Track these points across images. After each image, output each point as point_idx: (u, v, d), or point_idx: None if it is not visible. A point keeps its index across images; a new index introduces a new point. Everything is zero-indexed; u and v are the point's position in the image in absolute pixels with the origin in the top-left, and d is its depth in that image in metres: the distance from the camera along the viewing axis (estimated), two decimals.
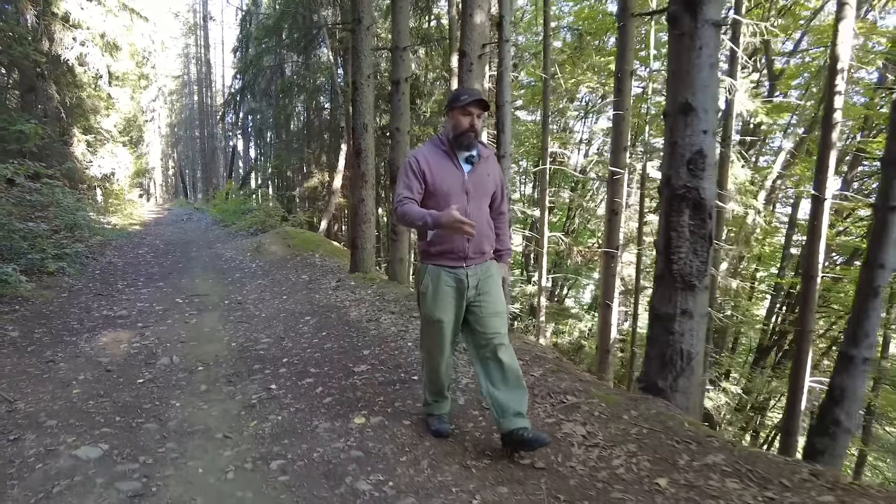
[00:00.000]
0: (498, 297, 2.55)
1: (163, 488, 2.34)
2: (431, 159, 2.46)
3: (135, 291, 6.85)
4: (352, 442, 2.71)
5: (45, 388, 3.52)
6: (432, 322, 2.51)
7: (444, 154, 2.48)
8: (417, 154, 2.51)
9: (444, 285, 2.48)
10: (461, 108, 2.40)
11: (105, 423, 3.02)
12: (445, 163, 2.46)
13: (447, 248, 2.46)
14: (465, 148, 2.45)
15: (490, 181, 2.54)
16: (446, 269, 2.48)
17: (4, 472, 2.45)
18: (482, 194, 2.52)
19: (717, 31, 2.74)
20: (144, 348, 4.50)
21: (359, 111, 6.85)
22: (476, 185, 2.48)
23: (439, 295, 2.48)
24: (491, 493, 2.21)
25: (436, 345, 2.56)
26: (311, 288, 6.67)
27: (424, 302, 2.53)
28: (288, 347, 4.45)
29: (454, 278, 2.48)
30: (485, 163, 2.53)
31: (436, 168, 2.44)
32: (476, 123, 2.43)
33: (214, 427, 2.98)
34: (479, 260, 2.53)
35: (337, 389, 3.44)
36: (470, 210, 2.43)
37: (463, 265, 2.48)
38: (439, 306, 2.48)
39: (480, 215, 2.48)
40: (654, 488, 2.16)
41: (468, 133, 2.42)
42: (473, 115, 2.41)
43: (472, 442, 2.68)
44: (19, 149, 8.40)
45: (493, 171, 2.57)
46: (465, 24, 5.38)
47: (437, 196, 2.43)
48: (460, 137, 2.42)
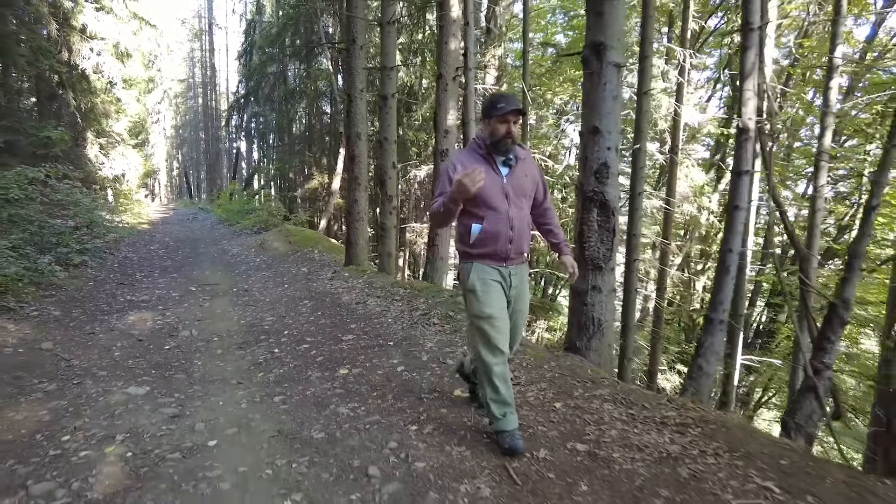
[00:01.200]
0: (527, 298, 2.67)
1: (194, 412, 3.17)
2: (469, 165, 2.43)
3: (152, 281, 7.69)
4: (336, 385, 3.54)
5: (92, 352, 4.36)
6: (484, 318, 2.46)
7: (482, 159, 2.50)
8: (456, 161, 2.54)
9: (492, 280, 2.50)
10: (499, 117, 2.41)
11: (144, 374, 3.86)
12: (484, 167, 2.44)
13: (490, 250, 2.48)
14: (502, 153, 2.48)
15: (529, 182, 2.57)
16: (490, 265, 2.51)
17: (77, 402, 3.29)
18: (522, 196, 2.53)
19: (618, 70, 3.56)
20: (167, 325, 5.33)
21: (353, 121, 7.69)
22: (515, 187, 2.50)
23: (489, 289, 2.48)
24: (435, 412, 3.03)
25: (492, 344, 2.47)
26: (309, 278, 7.50)
27: (473, 299, 2.49)
28: (288, 323, 5.28)
29: (499, 273, 2.51)
30: (522, 164, 2.55)
31: None
32: (513, 130, 2.44)
33: (230, 377, 3.82)
34: (520, 260, 2.57)
35: (327, 352, 4.27)
36: (512, 213, 2.47)
37: (504, 265, 2.52)
38: (489, 301, 2.47)
39: (521, 216, 2.51)
40: (551, 409, 2.98)
41: (506, 139, 2.44)
42: (510, 123, 2.42)
43: (428, 384, 3.50)
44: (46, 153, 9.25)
45: (531, 171, 2.59)
46: (441, 50, 6.20)
47: (478, 200, 2.43)
48: (498, 144, 2.45)
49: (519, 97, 11.38)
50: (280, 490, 2.32)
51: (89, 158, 14.65)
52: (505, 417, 2.50)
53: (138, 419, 3.06)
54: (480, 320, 2.46)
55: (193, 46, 37.81)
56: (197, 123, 41.21)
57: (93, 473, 2.45)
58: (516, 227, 2.47)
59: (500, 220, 2.45)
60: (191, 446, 2.73)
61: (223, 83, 35.93)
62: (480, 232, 2.46)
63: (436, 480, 2.33)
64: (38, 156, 8.94)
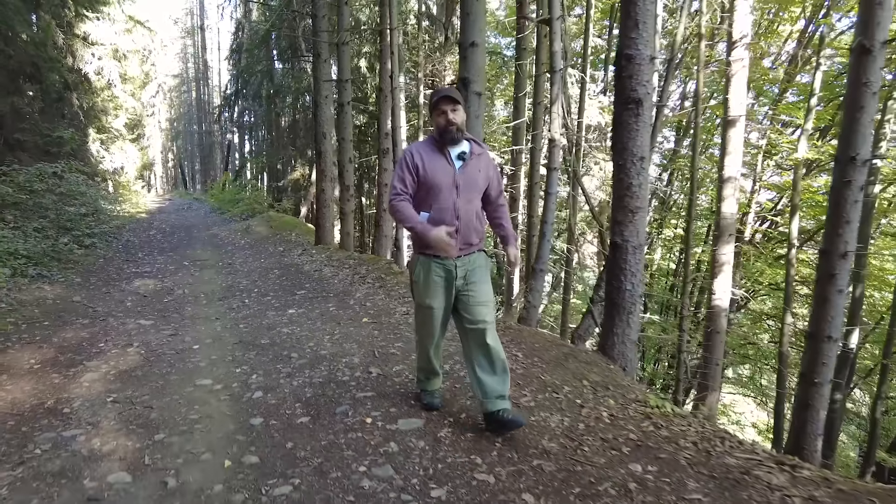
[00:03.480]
0: (485, 288, 2.68)
1: (184, 333, 4.71)
2: (425, 154, 2.58)
3: (152, 258, 9.20)
4: (284, 319, 5.09)
5: (110, 303, 5.89)
6: (423, 308, 2.69)
7: (436, 150, 2.60)
8: (412, 148, 2.66)
9: (434, 275, 2.62)
10: (434, 109, 2.55)
11: (149, 315, 5.40)
12: (438, 158, 2.57)
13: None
14: (451, 143, 2.57)
15: (481, 177, 2.64)
16: (436, 261, 2.61)
17: (105, 328, 4.83)
18: (472, 189, 2.61)
19: (479, 97, 5.07)
20: (165, 287, 6.86)
21: (319, 122, 9.17)
22: (467, 180, 2.58)
23: (430, 283, 2.63)
24: (345, 329, 4.58)
25: (427, 329, 2.74)
26: (282, 255, 9.04)
27: (417, 290, 2.71)
28: (259, 285, 6.82)
29: (443, 269, 2.61)
30: (477, 160, 2.64)
31: (429, 162, 2.57)
32: (452, 117, 2.52)
33: (210, 316, 5.36)
34: (467, 251, 2.66)
35: (283, 301, 5.82)
36: (459, 203, 2.57)
37: (451, 256, 2.61)
38: (430, 294, 2.64)
39: (470, 209, 2.61)
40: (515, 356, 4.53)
41: (448, 128, 2.53)
42: (447, 112, 2.51)
43: (347, 315, 5.03)
44: (58, 151, 10.71)
45: (484, 167, 2.67)
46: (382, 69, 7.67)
47: (428, 189, 2.56)
48: (443, 134, 2.55)
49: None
50: (235, 366, 3.87)
51: (91, 153, 16.05)
52: (427, 380, 2.98)
53: (147, 336, 4.61)
54: (421, 309, 2.73)
55: (187, 43, 38.98)
56: (191, 117, 42.46)
57: (122, 359, 4.00)
58: (462, 219, 2.58)
59: (447, 211, 2.56)
60: (182, 348, 4.28)
61: (215, 77, 37.17)
62: (427, 220, 2.56)
63: (331, 359, 3.89)
64: (51, 153, 10.39)
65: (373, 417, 2.93)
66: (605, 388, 3.24)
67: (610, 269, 3.65)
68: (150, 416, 3.05)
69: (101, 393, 3.38)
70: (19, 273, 6.30)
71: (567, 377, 3.40)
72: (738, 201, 6.33)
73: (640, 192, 3.49)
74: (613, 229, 3.57)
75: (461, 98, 2.62)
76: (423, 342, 2.83)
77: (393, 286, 6.09)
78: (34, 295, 5.79)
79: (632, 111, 3.40)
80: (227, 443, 2.72)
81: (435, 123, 2.60)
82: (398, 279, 6.40)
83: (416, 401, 3.05)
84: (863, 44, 3.85)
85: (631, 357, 3.62)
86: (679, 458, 2.46)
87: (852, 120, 3.93)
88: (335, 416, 2.97)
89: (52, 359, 3.98)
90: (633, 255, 3.52)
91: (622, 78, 3.41)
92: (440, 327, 2.75)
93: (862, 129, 3.91)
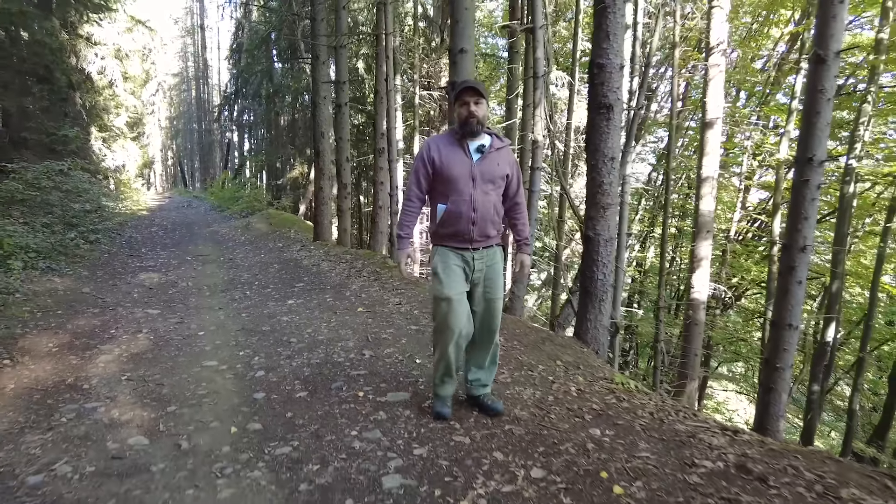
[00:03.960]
0: (499, 284, 2.71)
1: (190, 321, 5.02)
2: (442, 146, 2.59)
3: (155, 254, 9.49)
4: (284, 308, 5.40)
5: (118, 294, 6.19)
6: (442, 299, 2.61)
7: (455, 142, 2.60)
8: (430, 141, 2.67)
9: (454, 265, 2.62)
10: (457, 100, 2.55)
11: (156, 305, 5.70)
12: (456, 150, 2.57)
13: (452, 230, 2.60)
14: (471, 135, 2.57)
15: (499, 170, 2.62)
16: (454, 250, 2.62)
17: (115, 317, 5.14)
18: (489, 182, 2.59)
19: None
20: (169, 280, 7.16)
21: (317, 123, 9.47)
22: (484, 172, 2.57)
23: (449, 273, 2.61)
24: (341, 317, 4.89)
25: (447, 322, 2.63)
26: (281, 250, 9.34)
27: (436, 281, 2.65)
28: (259, 278, 7.13)
29: (461, 259, 2.62)
30: (496, 153, 2.62)
31: (446, 155, 2.57)
32: (474, 110, 2.52)
33: (214, 306, 5.67)
34: (485, 243, 2.65)
35: (283, 293, 6.13)
36: (476, 196, 2.56)
37: (469, 247, 2.61)
38: (449, 284, 2.60)
39: (487, 201, 2.59)
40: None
41: (469, 120, 2.53)
42: (469, 103, 2.51)
43: (343, 305, 5.34)
44: (63, 149, 11.00)
45: (503, 161, 2.65)
46: (378, 72, 7.98)
47: (445, 180, 2.57)
48: (464, 126, 2.55)
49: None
50: (239, 349, 4.18)
51: (94, 151, 16.34)
52: (442, 384, 2.80)
53: (154, 324, 4.91)
54: (440, 300, 2.62)
55: (186, 42, 39.22)
56: (191, 115, 42.69)
57: (132, 343, 4.30)
58: (479, 210, 2.56)
59: (464, 202, 2.55)
60: (188, 334, 4.59)
61: (215, 76, 37.43)
62: (444, 212, 2.59)
63: (328, 343, 4.20)
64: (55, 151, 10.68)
65: (364, 391, 3.25)
66: (577, 367, 3.56)
67: (584, 260, 3.97)
68: (161, 392, 3.36)
69: (116, 372, 3.69)
70: (30, 266, 6.59)
71: (542, 358, 3.72)
72: (715, 199, 6.64)
73: (612, 189, 3.80)
74: (587, 224, 3.89)
75: (485, 91, 2.61)
76: (444, 338, 2.67)
77: (387, 279, 6.40)
78: (46, 286, 6.09)
79: (603, 115, 3.72)
80: (232, 413, 3.04)
81: (456, 114, 2.58)
82: (392, 273, 6.71)
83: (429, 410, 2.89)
84: (818, 54, 4.16)
85: (603, 341, 3.94)
86: (634, 425, 2.77)
87: (809, 124, 4.25)
88: (331, 391, 3.28)
89: (68, 343, 4.29)
90: (605, 247, 3.83)
91: (595, 85, 3.73)
92: (464, 319, 2.64)
93: (818, 132, 4.22)
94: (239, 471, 2.43)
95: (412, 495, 2.20)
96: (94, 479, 2.37)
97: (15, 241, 6.65)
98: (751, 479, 2.24)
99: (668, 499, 2.13)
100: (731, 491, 2.16)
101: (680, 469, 2.34)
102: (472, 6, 5.27)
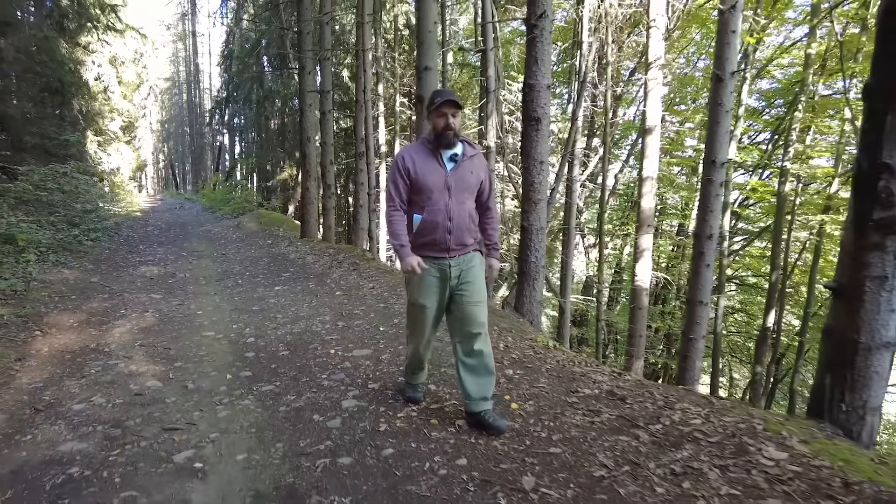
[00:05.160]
0: (479, 287, 2.70)
1: (189, 303, 5.76)
2: (417, 157, 2.60)
3: (153, 250, 10.20)
4: (271, 293, 6.16)
5: (122, 283, 6.92)
6: (416, 306, 2.72)
7: (429, 152, 2.61)
8: (405, 152, 2.67)
9: (428, 275, 2.64)
10: (436, 111, 2.53)
11: (158, 291, 6.44)
12: (430, 160, 2.59)
13: (430, 240, 2.61)
14: (446, 146, 2.57)
15: (473, 178, 2.65)
16: (430, 259, 2.63)
17: (122, 301, 5.87)
18: (464, 190, 2.62)
19: None
20: (168, 272, 7.89)
21: (304, 128, 10.22)
22: (458, 181, 2.59)
23: (424, 283, 2.66)
24: (321, 299, 5.66)
25: (418, 327, 2.78)
26: (270, 246, 10.08)
27: (410, 288, 2.74)
28: (250, 270, 7.88)
29: (437, 268, 2.63)
30: (469, 161, 2.64)
31: (420, 165, 2.58)
32: (451, 122, 2.54)
33: (210, 292, 6.42)
34: (462, 251, 2.66)
35: (271, 281, 6.89)
36: (451, 205, 2.58)
37: (446, 256, 2.62)
38: (423, 293, 2.67)
39: (462, 210, 2.61)
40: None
41: (446, 132, 2.54)
42: (448, 116, 2.52)
43: (324, 290, 6.10)
44: (65, 153, 11.67)
45: (477, 168, 2.68)
46: (358, 81, 8.75)
47: (420, 191, 2.59)
48: (440, 137, 2.56)
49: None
50: (232, 323, 4.94)
51: (90, 154, 16.95)
52: (413, 374, 3.03)
53: (158, 305, 5.66)
54: (414, 307, 2.76)
55: (178, 47, 39.81)
56: (182, 119, 43.22)
57: (141, 320, 5.05)
58: (455, 219, 2.58)
59: (439, 212, 2.57)
60: (188, 313, 5.34)
61: (206, 80, 38.00)
62: (420, 222, 2.60)
63: (308, 318, 4.97)
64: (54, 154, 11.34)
65: (335, 350, 4.03)
66: (510, 331, 4.36)
67: (520, 246, 4.77)
68: (169, 353, 4.12)
69: (130, 340, 4.45)
70: (42, 259, 7.30)
71: None
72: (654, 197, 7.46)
73: (541, 187, 4.61)
74: (522, 216, 4.69)
75: (462, 104, 2.66)
76: (415, 339, 2.86)
77: (365, 269, 7.17)
78: (57, 276, 6.80)
79: (533, 126, 4.52)
80: (227, 367, 3.81)
81: (433, 124, 2.59)
82: (370, 264, 7.48)
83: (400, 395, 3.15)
84: (717, 74, 5.01)
85: (536, 313, 4.73)
86: (541, 367, 3.57)
87: (712, 132, 5.09)
88: (308, 350, 4.06)
89: (86, 320, 5.03)
90: (537, 235, 4.63)
91: (526, 101, 4.54)
92: (431, 327, 2.78)
93: (719, 138, 5.06)
94: (233, 401, 3.20)
95: (363, 411, 2.98)
96: (122, 407, 3.13)
97: (28, 237, 7.35)
98: (614, 399, 3.05)
99: (549, 411, 2.92)
100: (596, 406, 2.96)
101: (564, 394, 3.14)
102: (435, 30, 6.06)
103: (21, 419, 2.98)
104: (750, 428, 2.63)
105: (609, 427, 2.71)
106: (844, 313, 2.75)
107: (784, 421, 2.78)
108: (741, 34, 5.35)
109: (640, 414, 2.83)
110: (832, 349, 2.84)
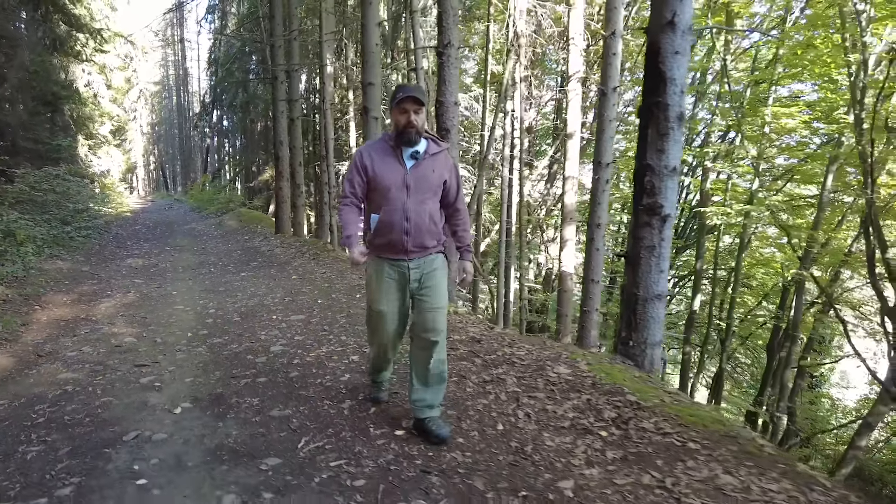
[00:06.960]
0: (440, 292, 2.60)
1: (167, 286, 6.76)
2: (376, 154, 2.52)
3: (139, 245, 11.17)
4: (237, 278, 7.16)
5: (110, 272, 7.89)
6: (374, 312, 2.64)
7: (389, 150, 2.52)
8: (364, 149, 2.60)
9: (387, 277, 2.56)
10: (397, 107, 2.44)
11: (142, 277, 7.43)
12: (389, 158, 2.50)
13: (386, 241, 2.52)
14: (408, 143, 2.47)
15: (436, 177, 2.53)
16: (389, 262, 2.54)
17: (110, 285, 6.87)
18: (426, 190, 2.51)
19: (377, 121, 7.16)
20: (151, 263, 8.88)
21: (276, 132, 11.22)
22: (418, 180, 2.49)
23: (381, 286, 2.57)
24: (282, 282, 6.67)
25: (377, 332, 2.71)
26: (245, 241, 11.07)
27: (368, 291, 2.67)
28: (224, 260, 8.88)
29: (396, 271, 2.54)
30: (431, 159, 2.53)
31: (378, 162, 2.50)
32: (413, 119, 2.43)
33: (186, 277, 7.42)
34: (422, 254, 2.55)
35: (239, 269, 7.90)
36: (410, 205, 2.47)
37: (405, 258, 2.53)
38: (381, 297, 2.59)
39: (422, 210, 2.49)
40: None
41: (407, 129, 2.44)
42: (409, 112, 2.42)
43: (286, 276, 7.10)
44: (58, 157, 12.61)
45: (440, 167, 2.56)
46: (322, 90, 9.75)
47: (378, 189, 2.50)
48: (401, 134, 2.46)
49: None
50: (200, 300, 5.94)
51: (81, 158, 17.85)
52: (377, 373, 2.98)
53: (140, 288, 6.66)
54: (371, 311, 2.67)
55: (167, 52, 40.62)
56: (172, 121, 44.04)
57: (124, 298, 6.05)
58: (413, 220, 2.47)
59: (396, 212, 2.47)
60: (164, 293, 6.34)
61: (195, 84, 38.82)
62: (377, 222, 2.51)
63: (263, 295, 5.98)
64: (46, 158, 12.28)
65: (278, 316, 5.05)
66: None
67: None
68: (145, 320, 5.13)
69: (114, 313, 5.45)
70: (38, 252, 8.27)
71: None
72: (576, 194, 8.49)
73: None
74: None
75: (427, 100, 2.56)
76: (376, 342, 2.80)
77: (324, 259, 8.18)
78: (52, 266, 7.77)
79: (445, 136, 5.54)
80: (190, 328, 4.82)
81: (394, 120, 2.49)
82: (330, 255, 8.49)
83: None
84: (601, 90, 6.05)
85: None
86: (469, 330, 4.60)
87: (599, 139, 6.13)
88: (255, 317, 5.08)
89: (77, 298, 6.02)
90: None
91: (438, 115, 5.56)
92: (393, 332, 2.69)
93: (605, 143, 6.11)
94: (190, 349, 4.22)
95: (284, 353, 4.00)
96: (105, 353, 4.14)
97: (26, 232, 8.31)
98: (473, 341, 4.08)
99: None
100: (458, 346, 3.99)
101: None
102: (378, 50, 7.08)
103: (28, 361, 3.99)
104: (555, 356, 3.67)
105: (458, 356, 3.74)
106: (630, 274, 3.79)
107: (586, 354, 3.82)
108: (621, 55, 6.39)
109: (485, 349, 3.87)
110: (625, 302, 3.88)
